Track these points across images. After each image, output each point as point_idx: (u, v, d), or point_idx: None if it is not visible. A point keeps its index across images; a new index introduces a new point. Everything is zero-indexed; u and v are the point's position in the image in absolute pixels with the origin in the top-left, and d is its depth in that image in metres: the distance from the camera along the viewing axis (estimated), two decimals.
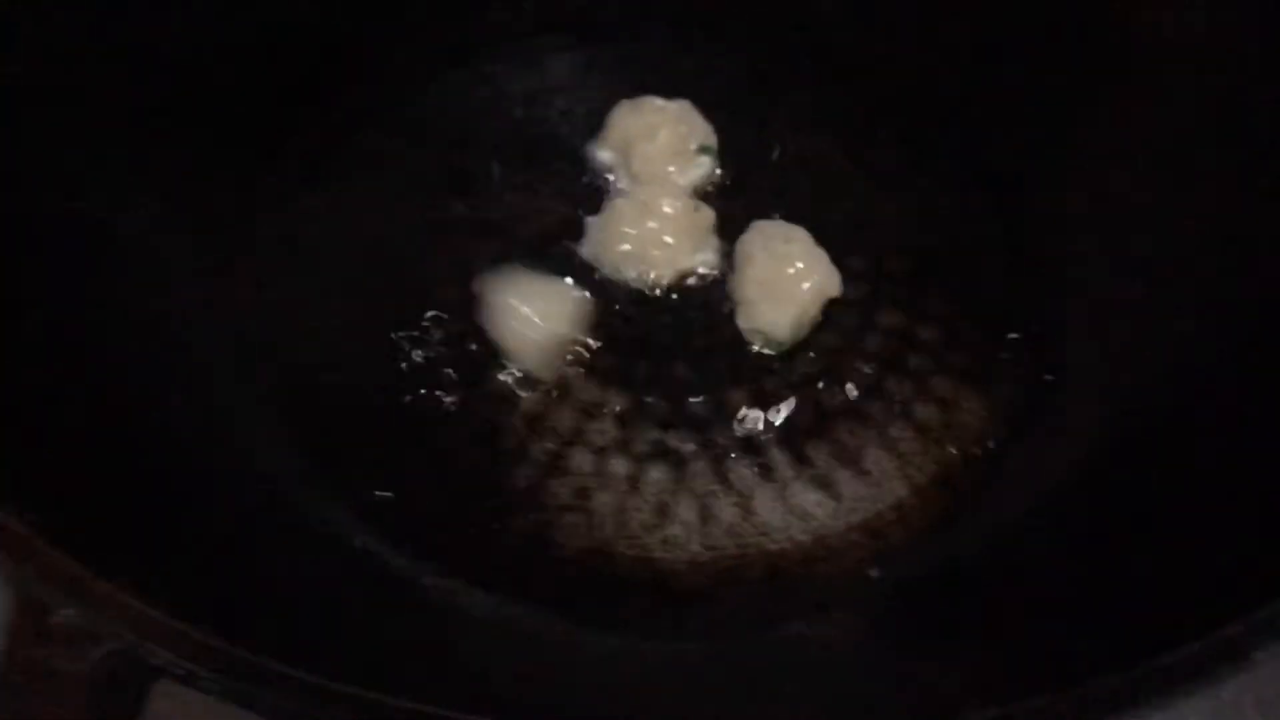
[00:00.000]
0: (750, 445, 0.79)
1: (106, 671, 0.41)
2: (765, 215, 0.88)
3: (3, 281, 0.64)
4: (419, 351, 0.82)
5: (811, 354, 0.83)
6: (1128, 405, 0.75)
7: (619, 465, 0.77)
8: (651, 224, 0.85)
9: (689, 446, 0.79)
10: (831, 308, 0.85)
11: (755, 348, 0.83)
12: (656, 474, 0.77)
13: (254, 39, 0.86)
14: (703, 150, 0.92)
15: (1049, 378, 0.81)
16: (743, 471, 0.77)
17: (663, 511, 0.75)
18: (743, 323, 0.83)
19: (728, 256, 0.86)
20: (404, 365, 0.82)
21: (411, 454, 0.78)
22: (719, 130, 0.93)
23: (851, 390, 0.81)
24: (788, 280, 0.81)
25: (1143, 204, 0.82)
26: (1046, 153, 0.89)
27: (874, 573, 0.73)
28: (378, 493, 0.74)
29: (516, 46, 1.00)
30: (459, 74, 0.98)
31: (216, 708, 0.46)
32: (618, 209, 0.86)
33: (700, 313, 0.85)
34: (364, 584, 0.69)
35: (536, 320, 0.81)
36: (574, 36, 1.01)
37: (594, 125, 0.94)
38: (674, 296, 0.86)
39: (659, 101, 0.92)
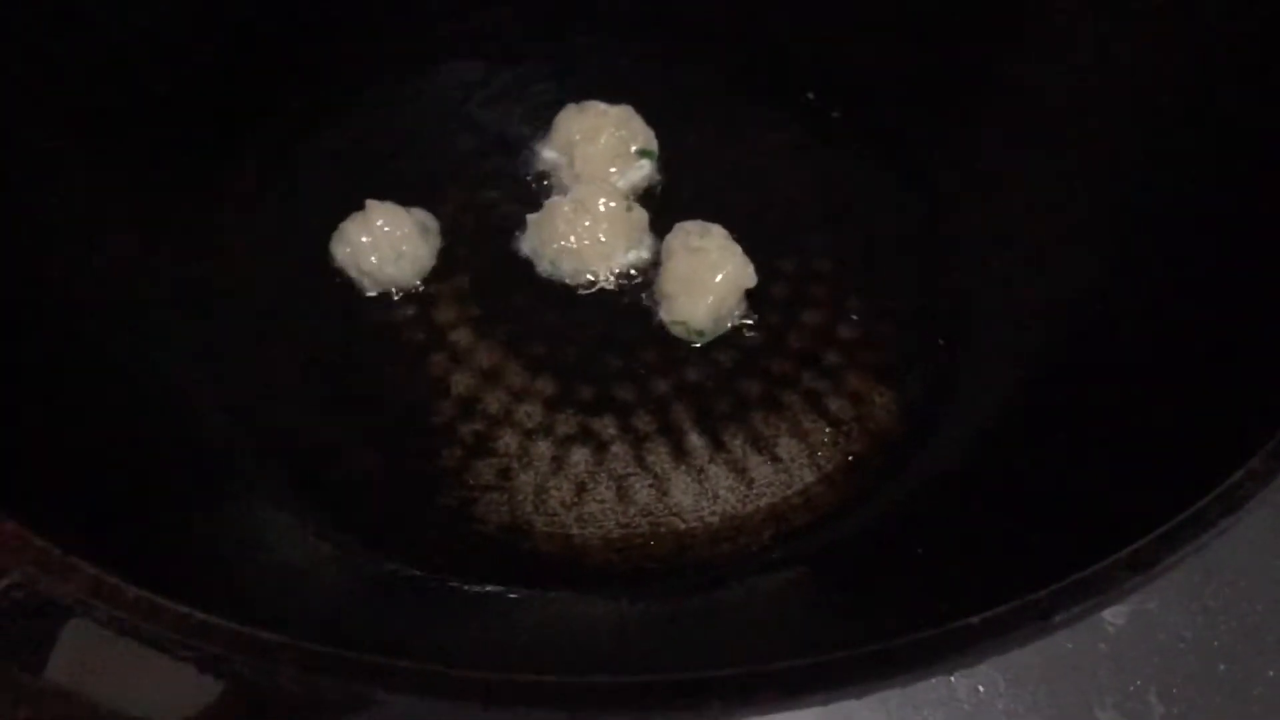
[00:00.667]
0: (669, 430, 0.83)
1: (8, 604, 0.45)
2: (700, 216, 0.92)
3: None
4: (360, 337, 0.87)
5: (734, 348, 0.88)
6: (1018, 410, 0.80)
7: (543, 447, 0.82)
8: (587, 222, 0.89)
9: (611, 430, 0.83)
10: (757, 307, 0.89)
11: (679, 340, 0.87)
12: (578, 456, 0.82)
13: (205, 42, 0.91)
14: (643, 154, 0.97)
15: (951, 361, 0.86)
16: (660, 455, 0.82)
17: (581, 490, 0.80)
18: (665, 315, 0.88)
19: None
20: (344, 350, 0.86)
21: (349, 433, 0.82)
22: (659, 135, 0.98)
23: (768, 382, 0.86)
24: (703, 273, 0.86)
25: (1041, 206, 0.86)
26: (964, 160, 0.94)
27: (776, 555, 0.77)
28: (314, 472, 0.79)
29: (466, 52, 1.05)
30: (410, 77, 1.03)
31: (137, 651, 0.50)
32: (556, 207, 0.90)
33: (630, 307, 0.90)
34: (279, 543, 0.73)
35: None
36: (524, 42, 1.06)
37: (541, 127, 0.99)
38: (608, 292, 0.91)
39: (602, 106, 0.96)
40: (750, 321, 0.89)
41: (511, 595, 0.74)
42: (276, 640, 0.44)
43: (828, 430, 0.84)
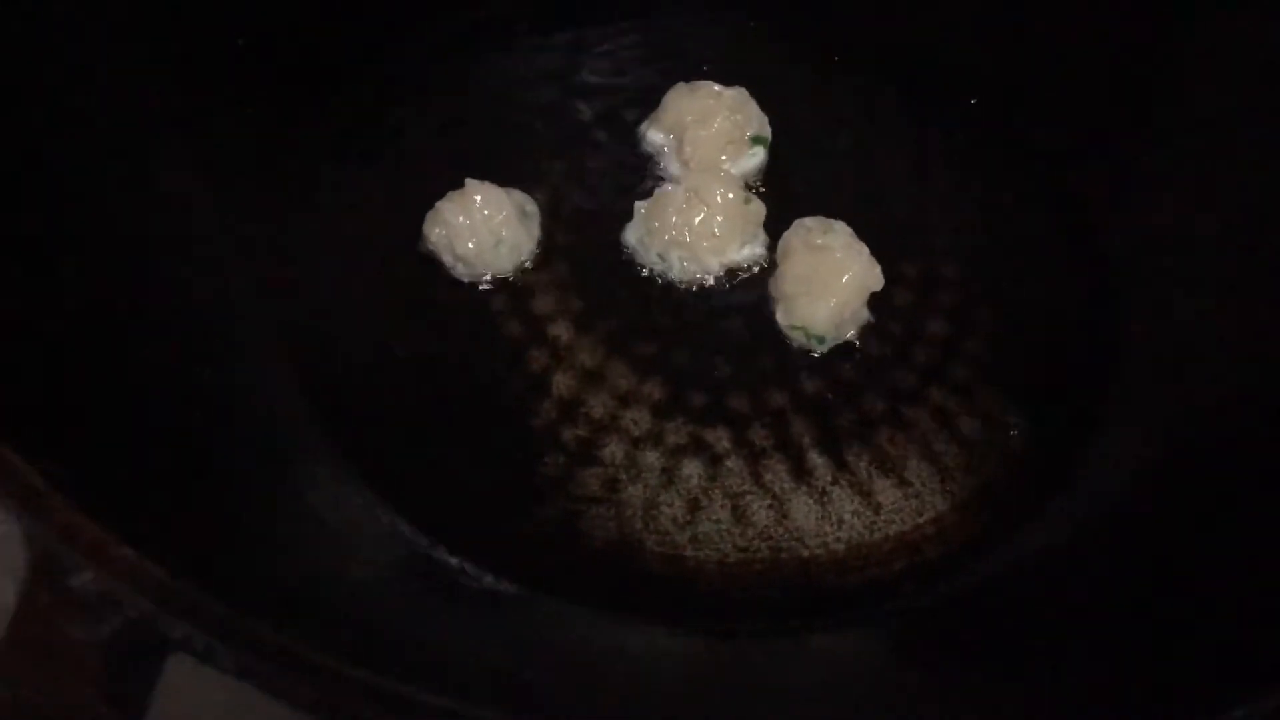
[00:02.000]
0: (788, 446, 0.76)
1: (124, 642, 0.39)
2: (815, 211, 0.85)
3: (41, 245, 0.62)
4: (452, 327, 0.80)
5: (856, 358, 0.81)
6: (1183, 441, 0.73)
7: (652, 458, 0.75)
8: (701, 214, 0.82)
9: (725, 444, 0.76)
10: (878, 313, 0.82)
11: (797, 346, 0.81)
12: (690, 469, 0.75)
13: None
14: (756, 140, 0.90)
15: (1096, 395, 0.79)
16: (779, 473, 0.75)
17: (694, 508, 0.73)
18: (783, 319, 0.81)
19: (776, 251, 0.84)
20: (437, 341, 0.80)
21: (439, 434, 0.76)
22: (774, 120, 0.90)
23: (892, 397, 0.79)
24: (825, 274, 0.79)
25: (1215, 234, 0.79)
26: (1116, 172, 0.86)
27: (908, 591, 0.70)
28: (401, 474, 0.72)
29: (572, 21, 0.97)
30: (514, 48, 0.96)
31: (231, 686, 0.44)
32: (667, 196, 0.83)
33: (744, 307, 0.83)
34: (386, 568, 0.67)
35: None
36: (630, 13, 0.98)
37: (648, 106, 0.91)
38: (719, 289, 0.84)
39: (716, 87, 0.89)
40: (871, 329, 0.82)
41: (617, 623, 0.67)
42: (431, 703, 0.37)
43: (960, 453, 0.77)
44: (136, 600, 0.38)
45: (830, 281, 0.80)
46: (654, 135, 0.91)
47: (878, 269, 0.81)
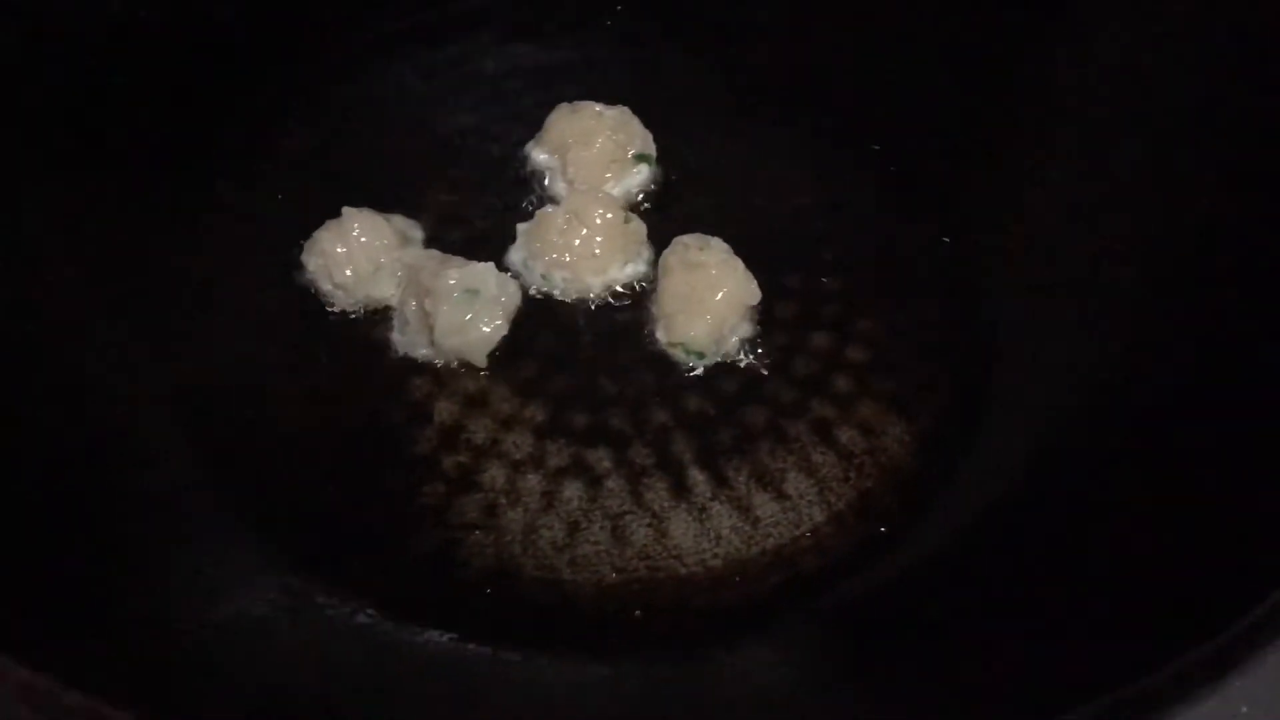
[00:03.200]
0: (668, 464, 0.77)
1: None
2: (702, 227, 0.86)
3: None
4: (332, 357, 0.80)
5: (736, 373, 0.81)
6: (1055, 444, 0.74)
7: (533, 481, 0.76)
8: (582, 235, 0.83)
9: (605, 464, 0.77)
10: (761, 326, 0.83)
11: (678, 363, 0.81)
12: (570, 491, 0.75)
13: (163, 26, 0.83)
14: (640, 158, 0.90)
15: (972, 395, 0.80)
16: (659, 491, 0.76)
17: (574, 530, 0.74)
18: (663, 337, 0.82)
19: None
20: (316, 371, 0.80)
21: (317, 466, 0.75)
22: (657, 138, 0.91)
23: (773, 410, 0.80)
24: (702, 290, 0.80)
25: (1075, 232, 0.80)
26: (986, 188, 0.88)
27: (783, 607, 0.71)
28: (276, 508, 0.72)
29: (451, 44, 0.98)
30: (389, 71, 0.96)
31: None
32: (548, 218, 0.84)
33: (627, 326, 0.83)
34: (253, 605, 0.66)
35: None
36: (512, 34, 0.99)
37: (531, 127, 0.92)
38: (601, 309, 0.84)
39: (597, 107, 0.90)
40: (753, 343, 0.83)
41: (496, 654, 0.67)
42: None
43: (838, 464, 0.78)
44: None
45: (706, 297, 0.80)
46: (538, 156, 0.91)
47: (754, 284, 0.82)
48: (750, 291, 0.82)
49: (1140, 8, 0.80)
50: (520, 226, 0.85)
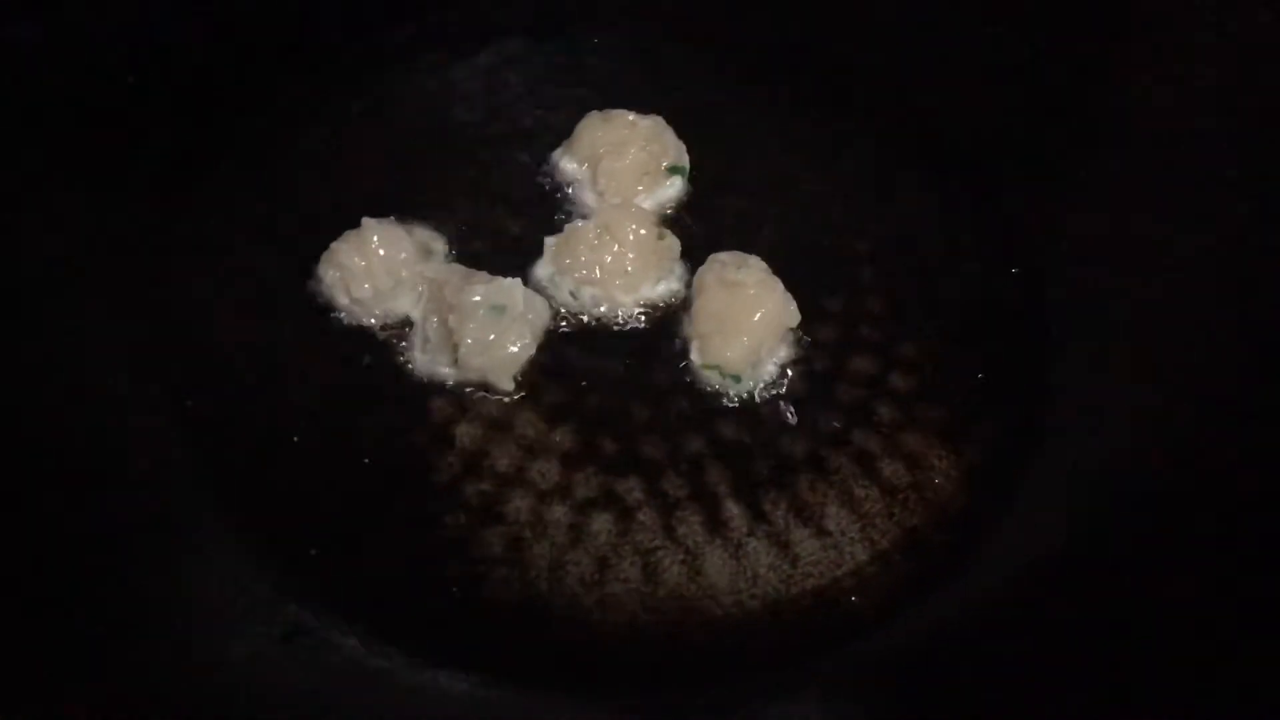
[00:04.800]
0: (702, 496, 0.73)
1: None
2: (736, 243, 0.82)
3: None
4: (349, 376, 0.76)
5: (775, 399, 0.77)
6: (1115, 477, 0.70)
7: (559, 512, 0.71)
8: (614, 250, 0.79)
9: (636, 494, 0.73)
10: (800, 349, 0.79)
11: (713, 387, 0.77)
12: (599, 524, 0.71)
13: (179, 21, 0.79)
14: (673, 170, 0.86)
15: (1028, 438, 0.75)
16: (693, 525, 0.72)
17: (603, 567, 0.69)
18: (697, 358, 0.77)
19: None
20: (332, 393, 0.75)
21: (333, 495, 0.71)
22: (691, 149, 0.87)
23: (813, 440, 0.75)
24: (739, 311, 0.76)
25: (1143, 260, 0.76)
26: (1045, 204, 0.83)
27: (826, 647, 0.67)
28: (290, 541, 0.68)
29: (476, 45, 0.93)
30: (414, 72, 0.91)
31: None
32: (578, 233, 0.80)
33: (660, 347, 0.79)
34: (269, 644, 0.62)
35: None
36: (542, 36, 0.95)
37: (561, 134, 0.88)
38: (632, 329, 0.80)
39: (630, 116, 0.86)
40: (792, 367, 0.78)
41: (520, 698, 0.63)
42: None
43: (881, 498, 0.73)
44: None
45: (743, 319, 0.76)
46: (567, 165, 0.87)
47: (793, 305, 0.78)
48: (789, 313, 0.78)
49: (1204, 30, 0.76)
50: (548, 240, 0.81)
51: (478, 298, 0.74)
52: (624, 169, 0.84)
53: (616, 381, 0.78)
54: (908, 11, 0.91)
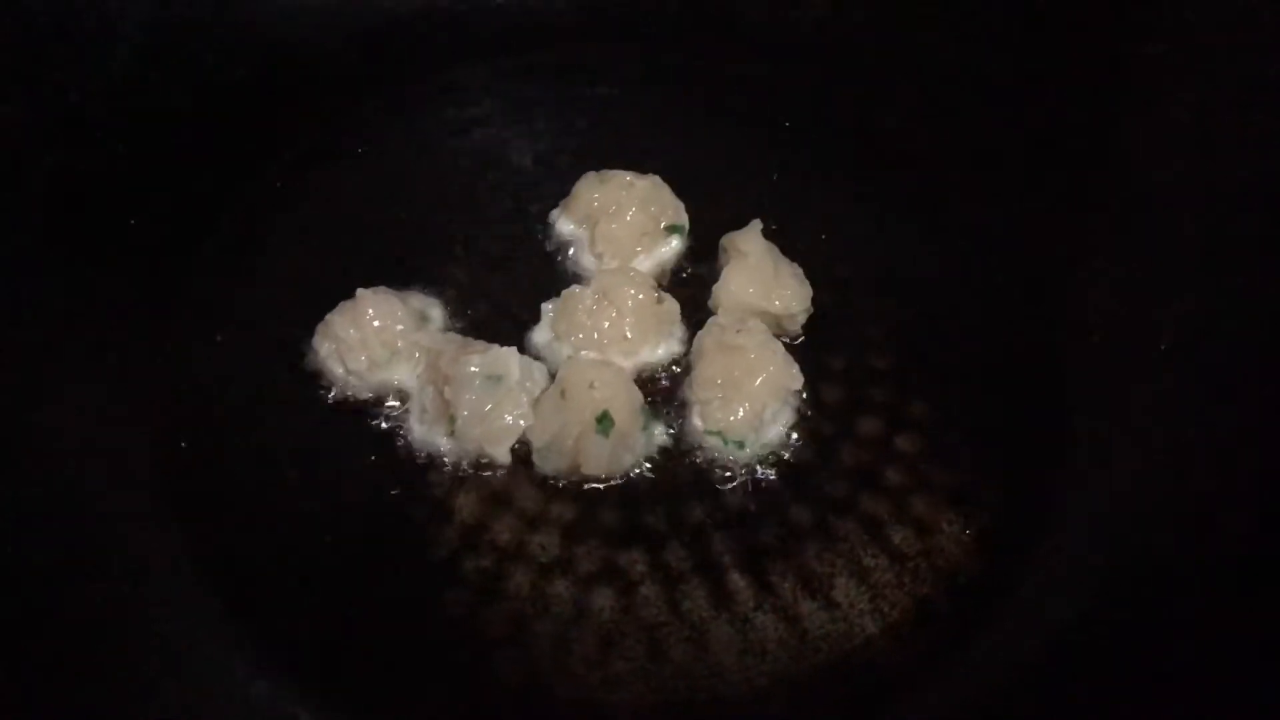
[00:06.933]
0: (707, 568, 0.71)
1: None
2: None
3: None
4: (345, 449, 0.75)
5: (778, 464, 0.76)
6: (1131, 542, 0.68)
7: (560, 587, 0.70)
8: (612, 316, 0.78)
9: (640, 568, 0.71)
10: (805, 411, 0.78)
11: (717, 454, 0.76)
12: (602, 599, 0.69)
13: (166, 92, 0.79)
14: (672, 230, 0.85)
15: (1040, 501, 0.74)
16: (698, 599, 0.70)
17: (607, 645, 0.68)
18: (699, 424, 0.76)
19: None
20: (324, 466, 0.74)
21: (330, 576, 0.70)
22: (690, 208, 0.86)
23: (819, 506, 0.74)
24: (740, 375, 0.74)
25: (1159, 324, 0.75)
26: (1056, 257, 0.82)
27: None
28: (285, 630, 0.66)
29: (470, 106, 0.93)
30: (406, 134, 0.91)
31: None
32: (575, 297, 0.79)
33: (661, 413, 0.78)
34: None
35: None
36: (537, 97, 0.94)
37: (558, 195, 0.87)
38: None
39: (628, 176, 0.85)
40: (796, 431, 0.77)
41: None
42: None
43: (890, 567, 0.72)
44: None
45: (745, 383, 0.75)
46: (564, 225, 0.86)
47: (795, 368, 0.76)
48: (792, 375, 0.76)
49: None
50: (545, 306, 0.80)
51: (474, 368, 0.73)
52: (622, 230, 0.83)
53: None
54: (912, 64, 0.90)
